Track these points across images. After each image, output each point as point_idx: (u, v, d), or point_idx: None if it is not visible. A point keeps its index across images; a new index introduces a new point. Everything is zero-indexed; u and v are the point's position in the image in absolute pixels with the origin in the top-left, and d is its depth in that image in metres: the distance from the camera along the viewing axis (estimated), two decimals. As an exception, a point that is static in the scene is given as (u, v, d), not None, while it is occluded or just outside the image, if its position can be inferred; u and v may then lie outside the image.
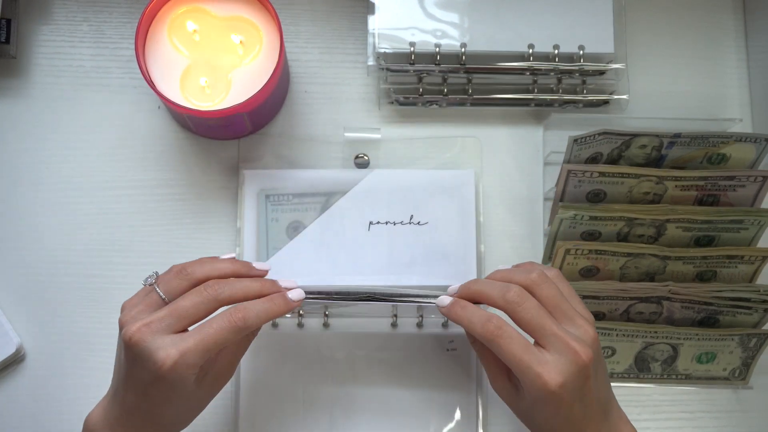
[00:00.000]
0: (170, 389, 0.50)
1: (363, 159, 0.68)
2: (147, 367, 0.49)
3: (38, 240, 0.66)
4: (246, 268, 0.55)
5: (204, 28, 0.63)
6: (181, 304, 0.51)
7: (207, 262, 0.54)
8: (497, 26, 0.68)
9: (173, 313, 0.50)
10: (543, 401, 0.51)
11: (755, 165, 0.65)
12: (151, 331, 0.49)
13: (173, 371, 0.49)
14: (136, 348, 0.49)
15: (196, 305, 0.51)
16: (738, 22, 0.73)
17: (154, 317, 0.50)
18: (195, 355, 0.49)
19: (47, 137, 0.68)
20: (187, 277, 0.52)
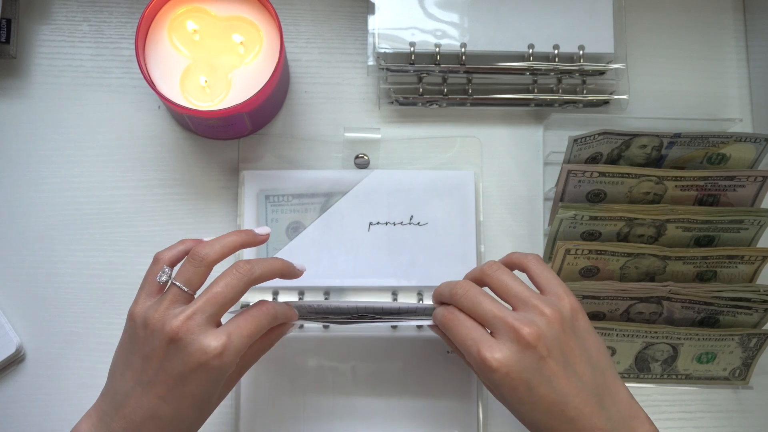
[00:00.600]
0: (210, 380, 0.49)
1: (363, 159, 0.68)
2: (194, 357, 0.48)
3: (38, 240, 0.66)
4: (251, 237, 0.55)
5: (204, 28, 0.63)
6: (218, 290, 0.50)
7: (215, 242, 0.53)
8: (497, 26, 0.68)
9: (212, 300, 0.50)
10: (496, 384, 0.50)
11: (755, 165, 0.65)
12: (198, 323, 0.49)
13: (221, 357, 0.49)
14: (183, 341, 0.48)
15: (233, 288, 0.51)
16: (738, 22, 0.73)
17: (195, 308, 0.49)
18: (241, 340, 0.50)
19: (47, 137, 0.68)
20: (202, 263, 0.51)
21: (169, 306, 0.50)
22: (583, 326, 0.52)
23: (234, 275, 0.51)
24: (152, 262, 0.53)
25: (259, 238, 0.56)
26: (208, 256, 0.51)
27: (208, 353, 0.48)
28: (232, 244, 0.53)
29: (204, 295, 0.50)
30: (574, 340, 0.51)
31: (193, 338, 0.48)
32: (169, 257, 0.53)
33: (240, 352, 0.50)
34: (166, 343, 0.49)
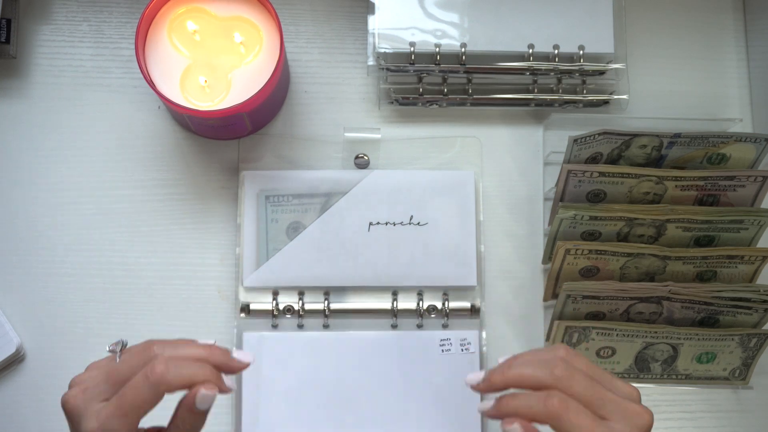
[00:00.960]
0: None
1: (363, 159, 0.68)
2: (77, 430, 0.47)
3: (38, 240, 0.66)
4: (224, 358, 0.49)
5: (204, 28, 0.63)
6: (116, 368, 0.47)
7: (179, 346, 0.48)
8: (497, 26, 0.68)
9: (108, 378, 0.47)
10: None
11: (755, 165, 0.65)
12: (85, 399, 0.47)
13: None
14: (70, 414, 0.47)
15: (131, 367, 0.47)
16: (738, 22, 0.73)
17: (91, 383, 0.47)
18: (115, 422, 0.45)
19: (47, 137, 0.68)
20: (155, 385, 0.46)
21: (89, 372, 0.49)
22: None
23: (136, 356, 0.48)
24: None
25: (232, 363, 0.49)
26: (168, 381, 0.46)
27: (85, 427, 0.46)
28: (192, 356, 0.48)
29: (104, 369, 0.48)
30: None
31: (77, 414, 0.47)
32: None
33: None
34: (64, 410, 0.48)
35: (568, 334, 0.63)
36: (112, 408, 0.45)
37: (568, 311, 0.64)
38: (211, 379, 0.47)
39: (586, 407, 0.46)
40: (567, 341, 0.64)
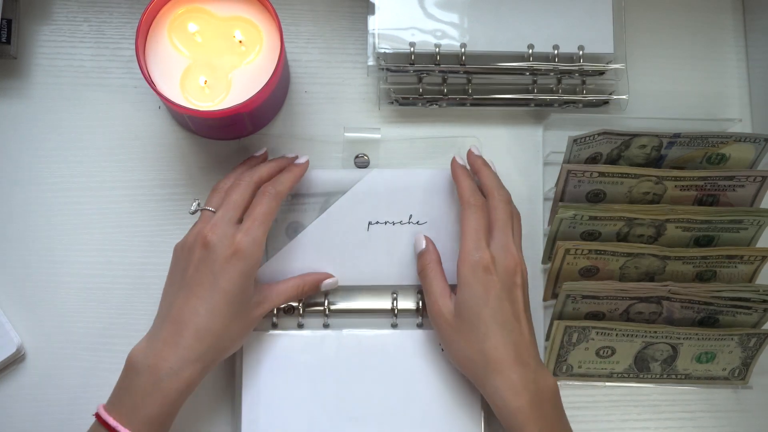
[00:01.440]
0: (240, 272, 0.57)
1: (363, 159, 0.68)
2: (223, 253, 0.57)
3: (38, 240, 0.66)
4: (285, 161, 0.64)
5: (204, 28, 0.63)
6: (232, 198, 0.59)
7: (284, 177, 0.62)
8: (497, 26, 0.68)
9: (227, 207, 0.59)
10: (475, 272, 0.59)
11: (755, 165, 0.65)
12: (221, 227, 0.58)
13: (243, 248, 0.57)
14: (212, 244, 0.57)
15: (241, 193, 0.60)
16: (738, 22, 0.73)
17: (216, 217, 0.59)
18: (257, 230, 0.58)
19: (47, 137, 0.68)
20: (219, 192, 0.62)
21: (201, 224, 0.59)
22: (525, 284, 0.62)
23: (240, 185, 0.60)
24: (211, 191, 0.63)
25: (300, 167, 0.64)
26: (283, 191, 0.61)
27: (232, 246, 0.57)
28: (298, 175, 0.63)
29: (222, 206, 0.59)
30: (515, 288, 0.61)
31: (219, 239, 0.57)
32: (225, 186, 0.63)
33: (261, 240, 0.58)
34: (200, 250, 0.58)
35: (567, 333, 0.63)
36: (250, 222, 0.59)
37: (568, 311, 0.64)
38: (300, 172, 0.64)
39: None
40: (567, 341, 0.64)
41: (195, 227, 0.60)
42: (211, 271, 0.57)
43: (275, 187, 0.60)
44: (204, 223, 0.59)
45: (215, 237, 0.57)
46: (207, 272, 0.57)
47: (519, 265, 0.60)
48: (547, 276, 0.65)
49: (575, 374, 0.66)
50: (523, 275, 0.60)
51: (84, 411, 0.64)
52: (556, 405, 0.59)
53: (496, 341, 0.58)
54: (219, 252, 0.57)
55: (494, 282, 0.59)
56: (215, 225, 0.58)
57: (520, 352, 0.58)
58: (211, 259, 0.57)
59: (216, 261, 0.57)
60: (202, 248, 0.58)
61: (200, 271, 0.57)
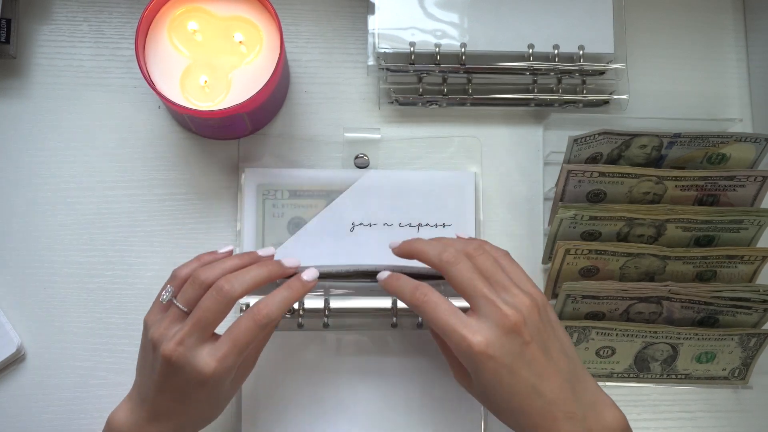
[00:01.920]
0: (210, 392, 0.53)
1: (363, 159, 0.68)
2: (190, 378, 0.52)
3: (38, 240, 0.66)
4: (253, 259, 0.56)
5: (204, 28, 0.63)
6: (201, 315, 0.52)
7: (216, 266, 0.54)
8: (497, 26, 0.68)
9: (197, 325, 0.52)
10: (477, 367, 0.51)
11: (755, 165, 0.65)
12: (187, 347, 0.52)
13: (214, 377, 0.52)
14: (177, 364, 0.51)
15: (215, 312, 0.52)
16: (738, 22, 0.73)
17: (183, 333, 0.52)
18: (231, 359, 0.52)
19: (47, 137, 0.68)
20: (201, 285, 0.53)
21: (169, 325, 0.53)
22: (554, 318, 0.54)
23: (215, 299, 0.52)
24: (169, 277, 0.56)
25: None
26: (206, 280, 0.53)
27: (201, 374, 0.51)
28: (230, 270, 0.54)
29: (190, 319, 0.52)
30: (549, 328, 0.53)
31: (186, 361, 0.51)
32: (184, 275, 0.55)
33: (233, 367, 0.53)
34: (164, 364, 0.52)
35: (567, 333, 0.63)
36: (227, 349, 0.52)
37: (568, 311, 0.64)
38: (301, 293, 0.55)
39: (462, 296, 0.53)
40: (567, 341, 0.64)
41: (162, 323, 0.53)
42: (179, 387, 0.52)
43: (269, 314, 0.53)
44: (169, 325, 0.53)
45: (182, 357, 0.51)
46: (175, 386, 0.52)
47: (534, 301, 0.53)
48: (547, 276, 0.65)
49: (575, 374, 0.66)
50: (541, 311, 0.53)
51: (84, 411, 0.64)
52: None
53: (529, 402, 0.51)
54: (186, 372, 0.51)
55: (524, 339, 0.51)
56: (181, 342, 0.51)
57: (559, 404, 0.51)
58: (178, 376, 0.52)
59: (184, 380, 0.52)
60: (167, 365, 0.52)
61: (168, 383, 0.52)
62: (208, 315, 0.52)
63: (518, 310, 0.51)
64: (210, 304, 0.52)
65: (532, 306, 0.52)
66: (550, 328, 0.53)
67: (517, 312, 0.51)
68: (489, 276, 0.54)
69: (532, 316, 0.52)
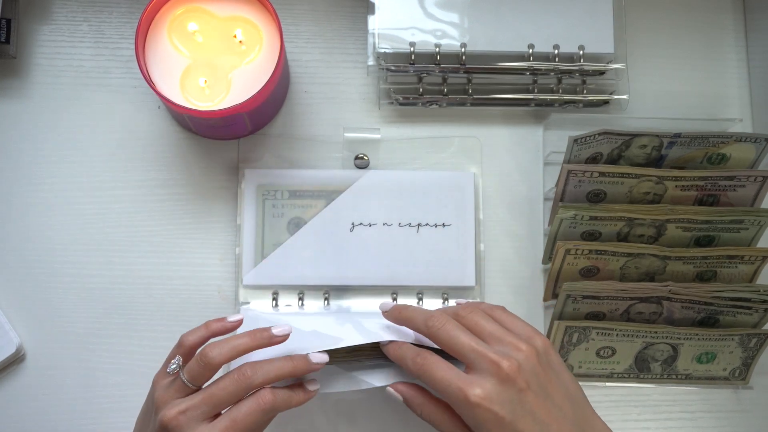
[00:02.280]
0: None
1: (363, 159, 0.68)
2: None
3: (38, 240, 0.66)
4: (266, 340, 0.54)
5: (204, 28, 0.63)
6: (215, 392, 0.51)
7: (225, 345, 0.53)
8: (497, 26, 0.68)
9: (208, 400, 0.51)
10: (480, 422, 0.49)
11: (755, 165, 0.65)
12: (187, 419, 0.50)
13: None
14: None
15: (231, 393, 0.51)
16: (738, 22, 0.73)
17: (190, 404, 0.51)
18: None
19: (47, 137, 0.68)
20: (208, 366, 0.52)
21: (174, 394, 0.52)
22: (557, 361, 0.53)
23: (235, 381, 0.52)
24: (176, 344, 0.55)
25: (275, 339, 0.54)
26: (214, 360, 0.52)
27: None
28: (242, 348, 0.53)
29: (203, 393, 0.51)
30: (551, 373, 0.52)
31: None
32: (191, 343, 0.54)
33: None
34: (160, 428, 0.51)
35: (568, 334, 0.63)
36: (224, 429, 0.50)
37: (568, 311, 0.64)
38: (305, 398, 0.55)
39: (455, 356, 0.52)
40: (567, 341, 0.64)
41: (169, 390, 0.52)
42: None
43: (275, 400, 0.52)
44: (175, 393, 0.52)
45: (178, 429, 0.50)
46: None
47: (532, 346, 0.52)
48: (548, 276, 0.65)
49: (575, 374, 0.66)
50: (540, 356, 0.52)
51: (84, 411, 0.64)
52: None
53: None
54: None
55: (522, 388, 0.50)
56: (184, 413, 0.50)
57: None
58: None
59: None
60: (163, 428, 0.51)
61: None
62: (223, 395, 0.51)
63: (512, 357, 0.50)
64: (228, 384, 0.51)
65: (530, 352, 0.51)
66: (552, 373, 0.52)
67: (511, 359, 0.50)
68: (479, 331, 0.53)
69: (528, 362, 0.51)
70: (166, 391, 0.52)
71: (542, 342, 0.52)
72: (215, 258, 0.67)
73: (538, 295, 0.67)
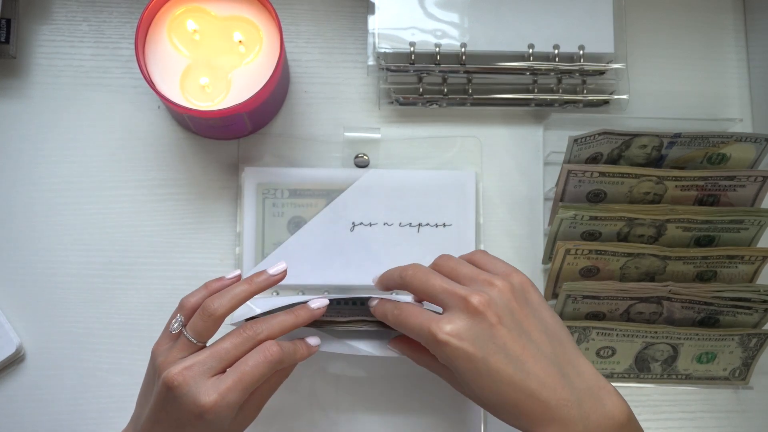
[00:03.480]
0: (207, 428, 0.50)
1: (363, 159, 0.68)
2: (188, 408, 0.49)
3: (38, 240, 0.66)
4: (264, 281, 0.55)
5: (204, 28, 0.63)
6: (221, 347, 0.51)
7: (225, 294, 0.53)
8: (497, 26, 0.68)
9: (214, 355, 0.51)
10: (452, 360, 0.49)
11: (755, 165, 0.65)
12: (193, 375, 0.50)
13: (214, 412, 0.49)
14: (178, 390, 0.50)
15: (236, 346, 0.51)
16: (738, 22, 0.73)
17: (196, 360, 0.51)
18: (235, 395, 0.50)
19: (47, 137, 0.68)
20: (211, 317, 0.52)
21: (177, 354, 0.52)
22: (536, 299, 0.52)
23: (239, 335, 0.52)
24: (178, 306, 0.55)
25: (272, 279, 0.55)
26: (216, 311, 0.52)
27: (200, 407, 0.49)
28: (242, 295, 0.53)
29: (209, 349, 0.51)
30: (527, 308, 0.50)
31: (188, 390, 0.49)
32: (192, 304, 0.54)
33: (236, 405, 0.50)
34: (165, 389, 0.50)
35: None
36: (232, 382, 0.50)
37: (568, 311, 0.64)
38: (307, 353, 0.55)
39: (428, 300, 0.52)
40: (567, 341, 0.64)
41: (171, 352, 0.52)
42: (175, 418, 0.50)
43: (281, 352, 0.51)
44: (178, 353, 0.52)
45: (185, 384, 0.49)
46: (170, 417, 0.50)
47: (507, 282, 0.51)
48: (548, 276, 0.65)
49: (575, 374, 0.66)
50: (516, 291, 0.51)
51: (84, 411, 0.64)
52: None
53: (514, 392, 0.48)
54: (184, 402, 0.49)
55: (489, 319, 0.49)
56: (190, 368, 0.50)
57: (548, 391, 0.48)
58: (176, 405, 0.50)
59: (180, 410, 0.50)
60: (167, 388, 0.50)
61: (165, 411, 0.51)
62: (229, 347, 0.51)
63: (483, 292, 0.49)
64: (233, 339, 0.52)
65: (504, 287, 0.50)
66: (528, 309, 0.50)
67: (481, 294, 0.49)
68: (455, 275, 0.52)
69: (502, 297, 0.49)
70: (168, 353, 0.52)
71: (519, 279, 0.51)
72: (215, 258, 0.67)
73: (538, 295, 0.67)
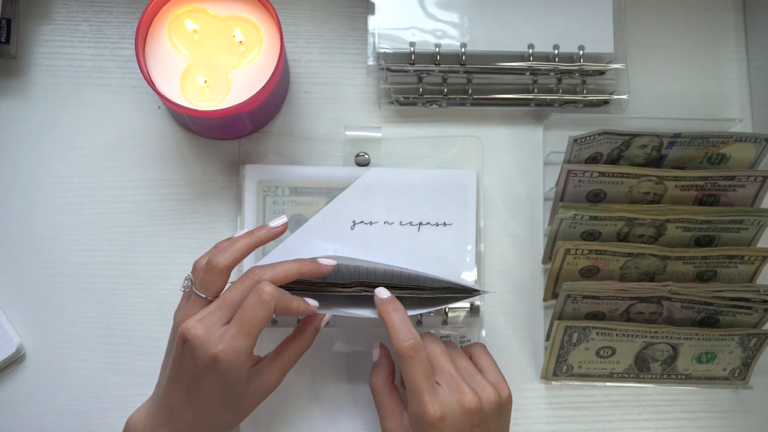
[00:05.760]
0: (222, 384, 0.53)
1: (364, 157, 0.68)
2: (202, 359, 0.52)
3: (38, 240, 0.66)
4: (264, 233, 0.57)
5: (204, 28, 0.63)
6: (227, 295, 0.54)
7: (227, 248, 0.55)
8: (497, 26, 0.68)
9: (222, 304, 0.53)
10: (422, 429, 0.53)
11: (755, 165, 0.65)
12: (204, 326, 0.52)
13: (224, 360, 0.51)
14: (191, 342, 0.52)
15: (241, 293, 0.54)
16: (738, 22, 0.73)
17: (206, 312, 0.53)
18: (239, 341, 0.52)
19: (47, 137, 0.68)
20: (215, 270, 0.54)
21: (191, 310, 0.54)
22: (507, 417, 0.57)
23: (243, 280, 0.54)
24: (192, 269, 0.58)
25: (273, 231, 0.58)
26: (219, 264, 0.54)
27: (210, 356, 0.52)
28: (244, 248, 0.56)
29: (218, 300, 0.54)
30: (503, 424, 0.56)
31: (200, 341, 0.52)
32: (201, 265, 0.57)
33: (244, 352, 0.52)
34: (181, 344, 0.53)
35: (568, 334, 0.63)
36: (235, 329, 0.52)
37: (568, 311, 0.64)
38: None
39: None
40: (567, 341, 0.64)
41: (184, 310, 0.55)
42: (192, 373, 0.52)
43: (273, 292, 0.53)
44: (192, 309, 0.54)
45: (197, 336, 0.52)
46: (188, 372, 0.53)
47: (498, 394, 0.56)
48: (548, 276, 0.65)
49: (575, 374, 0.66)
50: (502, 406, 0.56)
51: (84, 411, 0.64)
52: None
53: None
54: (198, 354, 0.52)
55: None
56: (201, 321, 0.52)
57: None
58: (191, 358, 0.52)
59: (195, 363, 0.52)
60: (182, 342, 0.52)
61: (182, 368, 0.53)
62: (234, 295, 0.53)
63: (480, 395, 0.54)
64: (238, 286, 0.54)
65: (495, 397, 0.55)
66: (503, 423, 0.56)
67: (477, 397, 0.54)
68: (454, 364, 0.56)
69: (489, 406, 0.55)
70: (183, 312, 0.55)
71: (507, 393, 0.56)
72: (215, 258, 0.67)
73: (538, 295, 0.67)
